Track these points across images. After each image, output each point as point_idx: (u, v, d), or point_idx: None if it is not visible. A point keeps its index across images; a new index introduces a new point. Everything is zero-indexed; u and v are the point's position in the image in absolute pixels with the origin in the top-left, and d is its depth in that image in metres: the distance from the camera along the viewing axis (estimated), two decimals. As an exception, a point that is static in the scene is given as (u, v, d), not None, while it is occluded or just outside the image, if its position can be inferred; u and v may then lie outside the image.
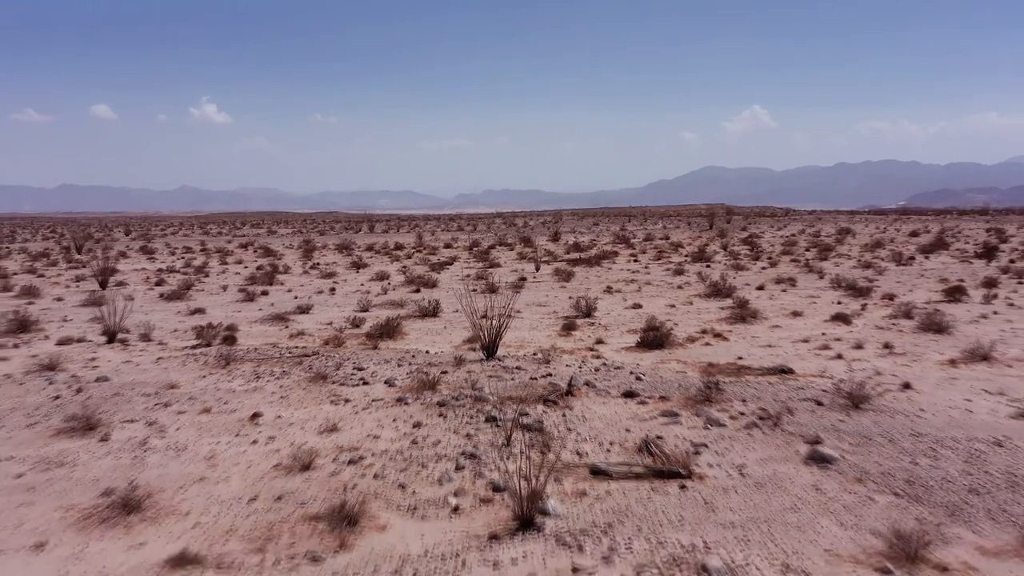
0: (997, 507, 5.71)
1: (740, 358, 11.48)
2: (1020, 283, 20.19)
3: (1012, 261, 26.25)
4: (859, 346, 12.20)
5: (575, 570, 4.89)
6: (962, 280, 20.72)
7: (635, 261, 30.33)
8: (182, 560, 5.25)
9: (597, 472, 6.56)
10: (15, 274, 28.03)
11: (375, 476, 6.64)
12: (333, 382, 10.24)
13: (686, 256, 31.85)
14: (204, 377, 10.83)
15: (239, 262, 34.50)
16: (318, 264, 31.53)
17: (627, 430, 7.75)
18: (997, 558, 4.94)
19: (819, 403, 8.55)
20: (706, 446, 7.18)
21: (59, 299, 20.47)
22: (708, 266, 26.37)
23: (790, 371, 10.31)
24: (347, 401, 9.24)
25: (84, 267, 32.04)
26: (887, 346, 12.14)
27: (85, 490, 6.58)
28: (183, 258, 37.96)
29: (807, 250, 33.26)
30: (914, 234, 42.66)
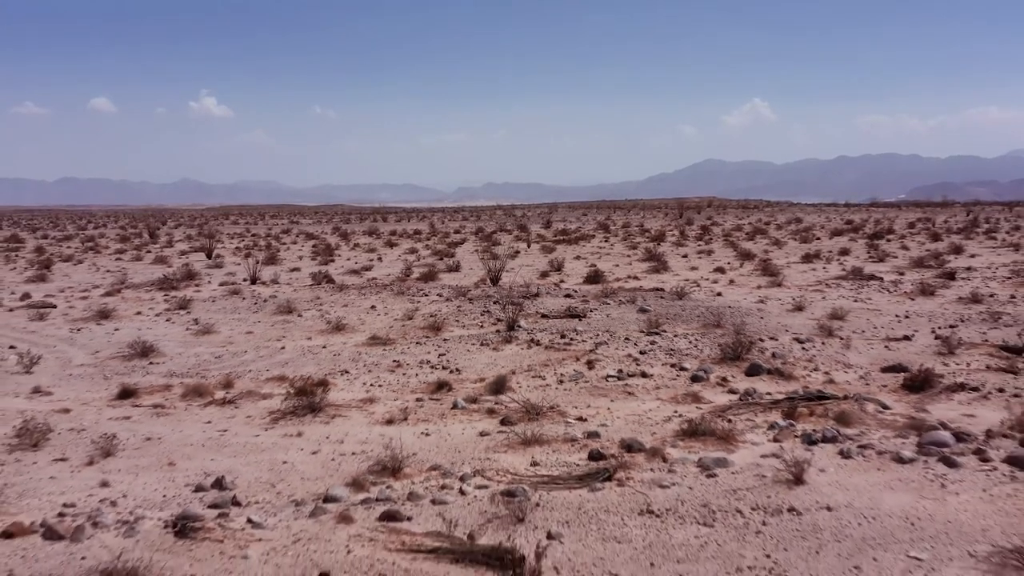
0: (683, 319, 13.96)
1: (641, 286, 19.68)
2: (868, 252, 28.38)
3: (888, 240, 34.39)
4: (715, 282, 20.41)
5: (528, 332, 13.13)
6: (831, 251, 28.90)
7: (606, 241, 38.47)
8: (373, 339, 13.49)
9: (544, 316, 14.82)
10: (126, 251, 36.24)
11: (444, 319, 14.89)
12: (408, 295, 18.48)
13: (647, 237, 39.98)
14: (332, 295, 19.07)
15: (293, 243, 42.76)
16: (358, 244, 39.75)
17: (561, 306, 15.99)
18: (687, 330, 13.17)
19: (661, 297, 16.82)
20: (596, 309, 15.45)
21: (185, 265, 28.65)
22: (659, 245, 34.45)
23: (661, 289, 18.53)
24: (419, 301, 17.48)
25: (173, 247, 40.27)
26: (731, 281, 20.35)
27: (310, 328, 14.81)
28: (244, 240, 46.13)
29: (746, 234, 41.33)
30: (849, 222, 50.71)
